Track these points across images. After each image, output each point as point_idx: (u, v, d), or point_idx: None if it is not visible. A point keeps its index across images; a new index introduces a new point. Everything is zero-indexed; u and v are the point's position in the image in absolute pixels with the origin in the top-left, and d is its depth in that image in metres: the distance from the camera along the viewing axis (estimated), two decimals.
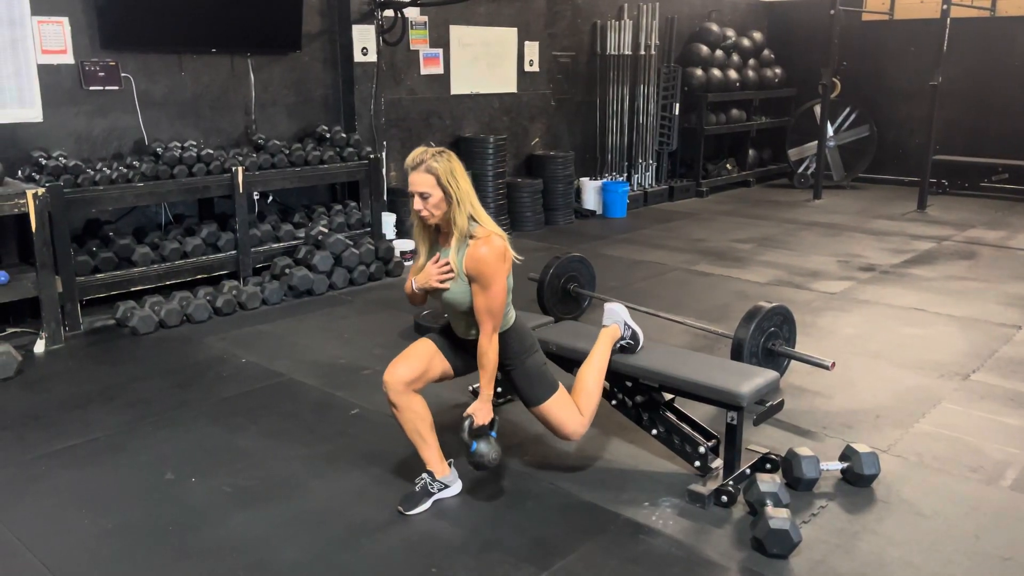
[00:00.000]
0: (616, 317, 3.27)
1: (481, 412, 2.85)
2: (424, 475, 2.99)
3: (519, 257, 2.92)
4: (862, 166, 10.59)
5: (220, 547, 2.74)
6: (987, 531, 2.83)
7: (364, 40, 6.79)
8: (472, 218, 2.79)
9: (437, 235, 2.90)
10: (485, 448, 2.82)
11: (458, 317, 2.94)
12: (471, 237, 2.77)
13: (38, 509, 2.98)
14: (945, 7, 8.53)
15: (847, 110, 10.42)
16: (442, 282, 2.83)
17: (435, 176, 2.72)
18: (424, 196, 2.74)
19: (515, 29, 8.12)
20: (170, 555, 2.70)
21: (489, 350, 2.82)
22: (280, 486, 3.13)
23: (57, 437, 3.55)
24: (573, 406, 3.03)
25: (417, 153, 2.78)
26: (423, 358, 2.96)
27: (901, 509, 2.97)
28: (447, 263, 2.81)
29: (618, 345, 3.25)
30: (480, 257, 2.73)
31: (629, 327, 3.26)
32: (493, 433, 2.88)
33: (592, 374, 3.14)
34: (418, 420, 2.94)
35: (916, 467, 3.29)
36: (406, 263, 6.43)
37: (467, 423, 2.83)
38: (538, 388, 2.97)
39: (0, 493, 3.09)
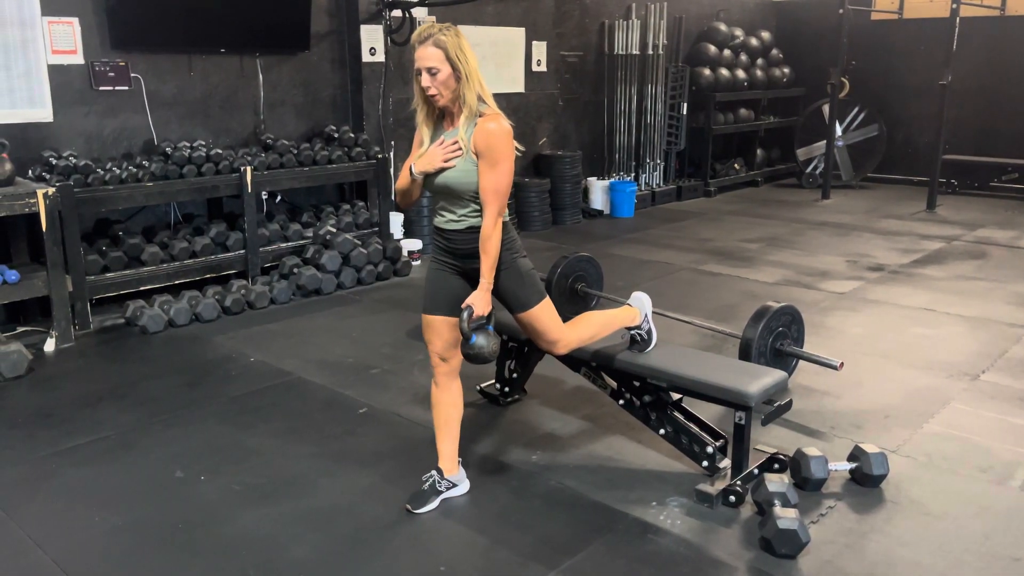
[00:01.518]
0: (641, 305, 3.26)
1: (480, 302, 2.73)
2: (432, 472, 3.00)
3: (520, 147, 2.82)
4: (871, 166, 10.55)
5: (229, 545, 2.75)
6: (997, 531, 2.82)
7: (372, 40, 6.80)
8: (480, 98, 2.69)
9: (440, 121, 2.79)
10: (483, 340, 2.72)
11: (454, 201, 2.78)
12: (479, 115, 2.68)
13: (49, 507, 3.00)
14: (955, 6, 8.48)
15: (856, 109, 10.38)
16: (448, 161, 2.70)
17: (444, 50, 2.62)
18: (432, 72, 2.63)
19: (523, 29, 8.12)
20: (180, 552, 2.71)
21: (493, 234, 2.70)
22: (289, 484, 3.14)
23: (67, 435, 3.57)
24: (557, 316, 2.98)
25: (424, 27, 2.67)
26: (441, 328, 2.89)
27: (910, 509, 2.96)
28: (455, 141, 2.69)
29: (632, 334, 3.24)
30: (491, 131, 2.65)
31: (648, 321, 3.26)
32: (490, 327, 2.78)
33: (596, 317, 3.14)
34: (452, 407, 2.97)
35: (925, 467, 3.28)
36: (414, 262, 6.44)
37: (466, 313, 2.72)
38: (529, 290, 2.87)
39: (11, 491, 3.11)
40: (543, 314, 2.92)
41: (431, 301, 2.92)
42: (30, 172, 5.01)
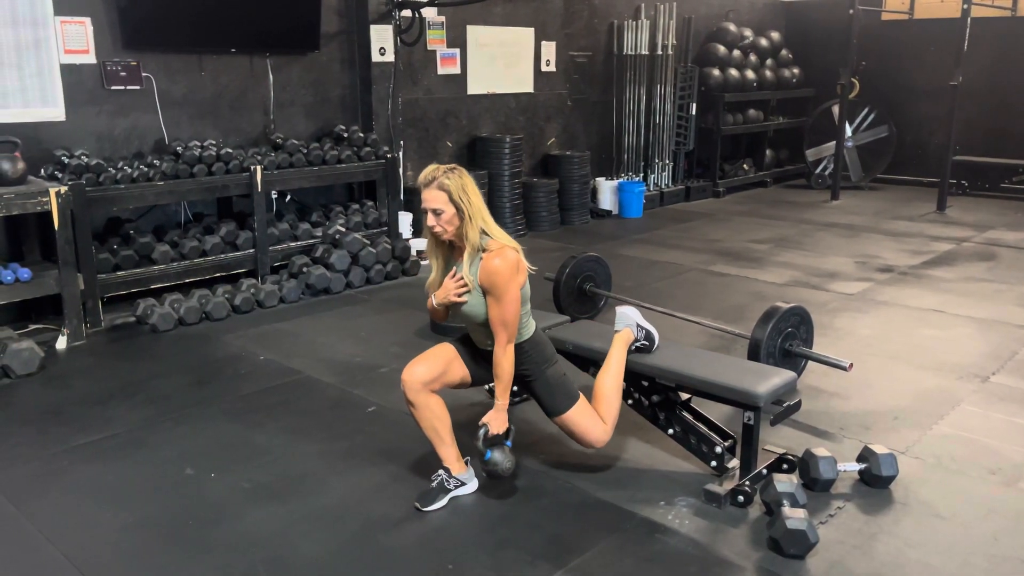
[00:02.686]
0: (627, 320, 3.28)
1: (496, 421, 2.89)
2: (441, 471, 3.01)
3: (533, 268, 2.97)
4: (881, 167, 10.52)
5: (239, 542, 2.77)
6: (1006, 533, 2.81)
7: (382, 40, 6.82)
8: (484, 232, 2.84)
9: (451, 250, 2.96)
10: (499, 457, 2.86)
11: (476, 329, 2.99)
12: (484, 250, 2.83)
13: (60, 503, 3.02)
14: (965, 6, 8.45)
15: (866, 110, 10.35)
16: (460, 295, 2.88)
17: (447, 193, 2.78)
18: (437, 212, 2.81)
19: (532, 29, 8.13)
20: (190, 549, 2.73)
21: (503, 360, 2.87)
22: (298, 482, 3.16)
23: (79, 432, 3.59)
24: (595, 414, 3.06)
25: (429, 171, 2.85)
26: (442, 360, 2.99)
27: (919, 511, 2.96)
28: (462, 278, 2.86)
29: (633, 346, 3.26)
30: (493, 269, 2.78)
31: (642, 328, 3.26)
32: (508, 443, 2.92)
33: (610, 380, 3.15)
34: (435, 419, 2.97)
35: (934, 469, 3.27)
36: (422, 262, 6.45)
37: (482, 431, 2.87)
38: (559, 398, 3.01)
39: (23, 487, 3.13)
40: (577, 418, 3.03)
41: (460, 346, 3.07)
42: (42, 171, 5.05)
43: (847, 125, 9.93)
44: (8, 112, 5.01)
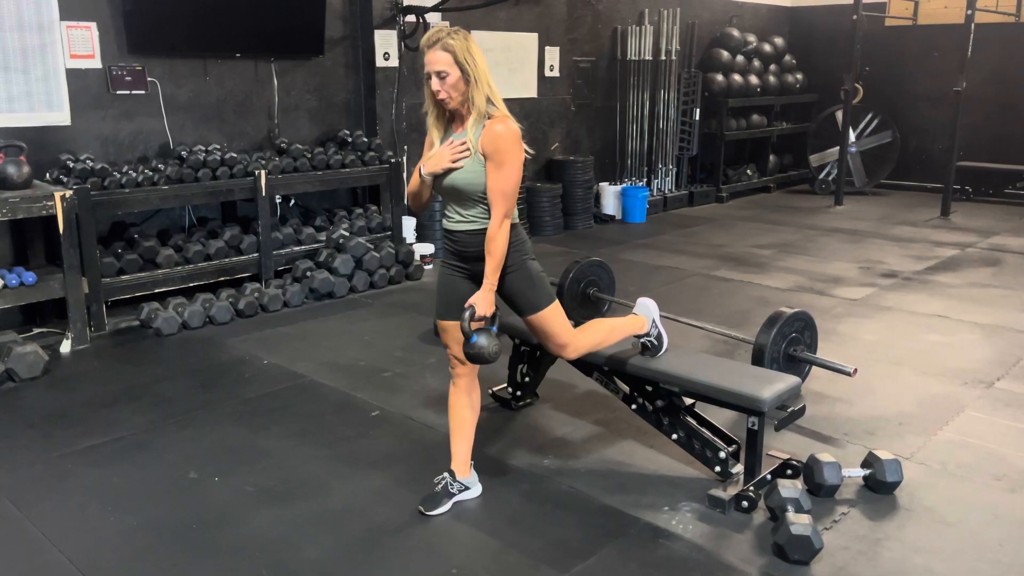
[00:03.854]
0: (647, 312, 3.25)
1: (483, 302, 2.73)
2: (445, 475, 3.01)
3: (530, 151, 2.85)
4: (884, 172, 10.51)
5: (242, 545, 2.77)
6: (1011, 539, 2.80)
7: (386, 45, 6.84)
8: (489, 100, 2.71)
9: (450, 124, 2.82)
10: (485, 341, 2.70)
11: (463, 203, 2.80)
12: (488, 117, 2.71)
13: (64, 506, 3.02)
14: (969, 12, 8.46)
15: (869, 116, 10.35)
16: (455, 161, 2.72)
17: (452, 54, 2.64)
18: (442, 75, 2.66)
19: (536, 34, 8.14)
20: (193, 553, 2.73)
21: (498, 235, 2.71)
22: (302, 486, 3.16)
23: (83, 435, 3.60)
24: (567, 320, 2.99)
25: (432, 32, 2.69)
26: (453, 335, 2.93)
27: (924, 517, 2.95)
28: (463, 142, 2.72)
29: (642, 341, 3.24)
30: (498, 133, 2.67)
31: (656, 326, 3.25)
32: (494, 328, 2.77)
33: (603, 323, 3.13)
34: (468, 409, 2.99)
35: (939, 475, 3.26)
36: (426, 266, 6.46)
37: (467, 313, 2.72)
38: (539, 292, 2.88)
39: (27, 490, 3.14)
40: (552, 317, 2.92)
41: (444, 306, 2.94)
42: (47, 175, 5.06)
43: (851, 131, 9.93)
44: (14, 116, 5.02)
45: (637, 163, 9.28)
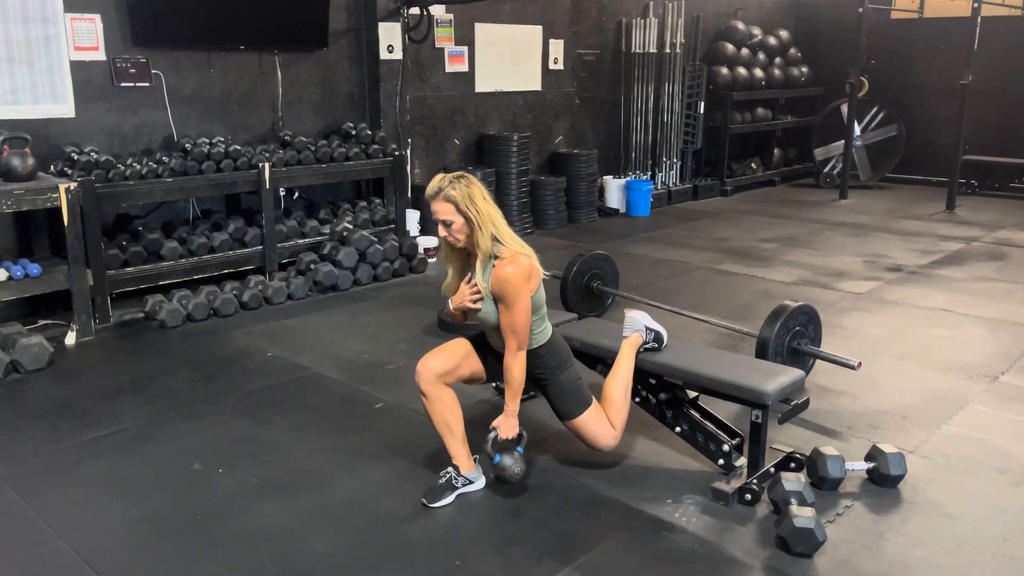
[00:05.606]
0: (636, 325, 3.28)
1: (505, 426, 2.90)
2: (449, 469, 3.01)
3: (547, 273, 2.96)
4: (889, 166, 10.48)
5: (247, 537, 2.78)
6: (1015, 533, 2.80)
7: (390, 38, 6.83)
8: (496, 239, 2.82)
9: (467, 256, 2.96)
10: (508, 462, 2.87)
11: (492, 332, 3.01)
12: (496, 258, 2.82)
13: (69, 497, 3.04)
14: (976, 5, 8.41)
15: (875, 109, 10.31)
16: (474, 303, 2.88)
17: (453, 204, 2.78)
18: (447, 224, 2.81)
19: (540, 27, 8.13)
20: (198, 544, 2.74)
21: (513, 367, 2.86)
22: (305, 478, 3.17)
23: (88, 427, 3.61)
24: (606, 420, 3.06)
25: (435, 182, 2.84)
26: (456, 354, 3.00)
27: (927, 510, 2.95)
28: (475, 285, 2.87)
29: (642, 348, 3.25)
30: (504, 277, 2.78)
31: (651, 330, 3.26)
32: (520, 448, 2.92)
33: (619, 386, 3.15)
34: (447, 412, 2.98)
35: (943, 468, 3.26)
36: (430, 260, 6.46)
37: (491, 436, 2.88)
38: (572, 403, 3.01)
39: (33, 481, 3.15)
40: (588, 423, 3.03)
41: (475, 342, 3.07)
42: (52, 167, 5.07)
43: (856, 124, 9.89)
44: (19, 109, 5.03)
45: (641, 156, 9.26)
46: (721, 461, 3.12)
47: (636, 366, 3.23)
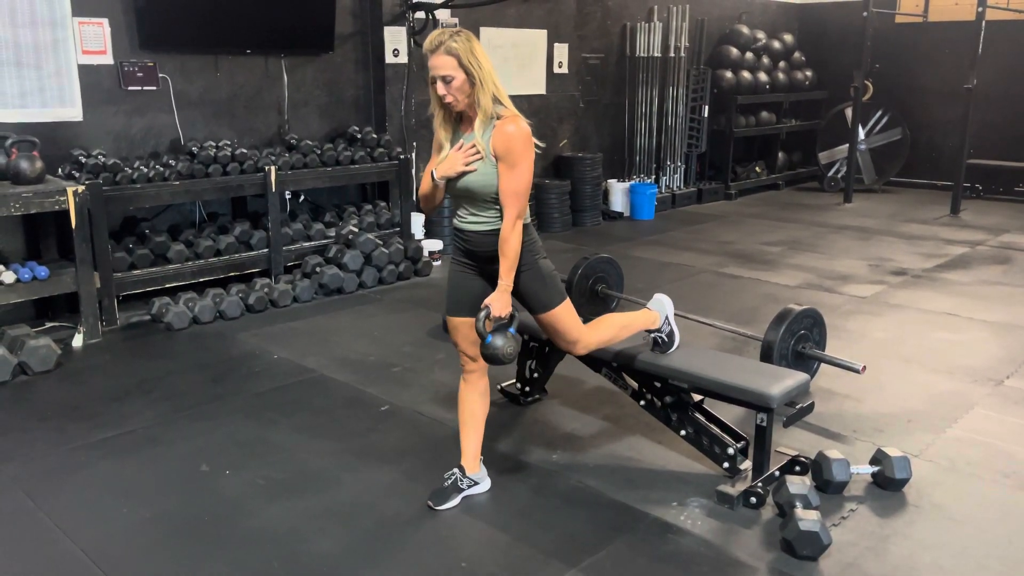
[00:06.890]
0: (661, 308, 3.26)
1: (499, 303, 2.73)
2: (455, 470, 3.02)
3: (540, 144, 2.81)
4: (894, 170, 10.48)
5: (254, 538, 2.79)
6: (1020, 536, 2.80)
7: (395, 41, 6.85)
8: (496, 100, 2.70)
9: (459, 124, 2.81)
10: (500, 341, 2.69)
11: (475, 204, 2.80)
12: (497, 118, 2.69)
13: (77, 498, 3.05)
14: (980, 9, 8.41)
15: (879, 113, 10.31)
16: (468, 164, 2.70)
17: (456, 57, 2.62)
18: (447, 79, 2.64)
19: (545, 31, 8.14)
20: (205, 545, 2.76)
21: (512, 236, 2.70)
22: (312, 479, 3.18)
23: (95, 428, 3.63)
24: (578, 318, 3.00)
25: (435, 35, 2.66)
26: (463, 332, 2.94)
27: (932, 513, 2.95)
28: (473, 145, 2.70)
29: (653, 336, 3.25)
30: (509, 134, 2.65)
31: (669, 323, 3.26)
32: (512, 329, 2.74)
33: (615, 319, 3.15)
34: (477, 405, 3.01)
35: (948, 472, 3.26)
36: (435, 263, 6.47)
37: (483, 313, 2.71)
38: (551, 291, 2.89)
39: (41, 482, 3.17)
40: (564, 315, 2.93)
41: (453, 303, 2.95)
42: (60, 170, 5.09)
43: (860, 128, 9.90)
44: (27, 112, 5.06)
45: (646, 160, 9.27)
46: (726, 464, 3.13)
47: (640, 369, 3.24)
